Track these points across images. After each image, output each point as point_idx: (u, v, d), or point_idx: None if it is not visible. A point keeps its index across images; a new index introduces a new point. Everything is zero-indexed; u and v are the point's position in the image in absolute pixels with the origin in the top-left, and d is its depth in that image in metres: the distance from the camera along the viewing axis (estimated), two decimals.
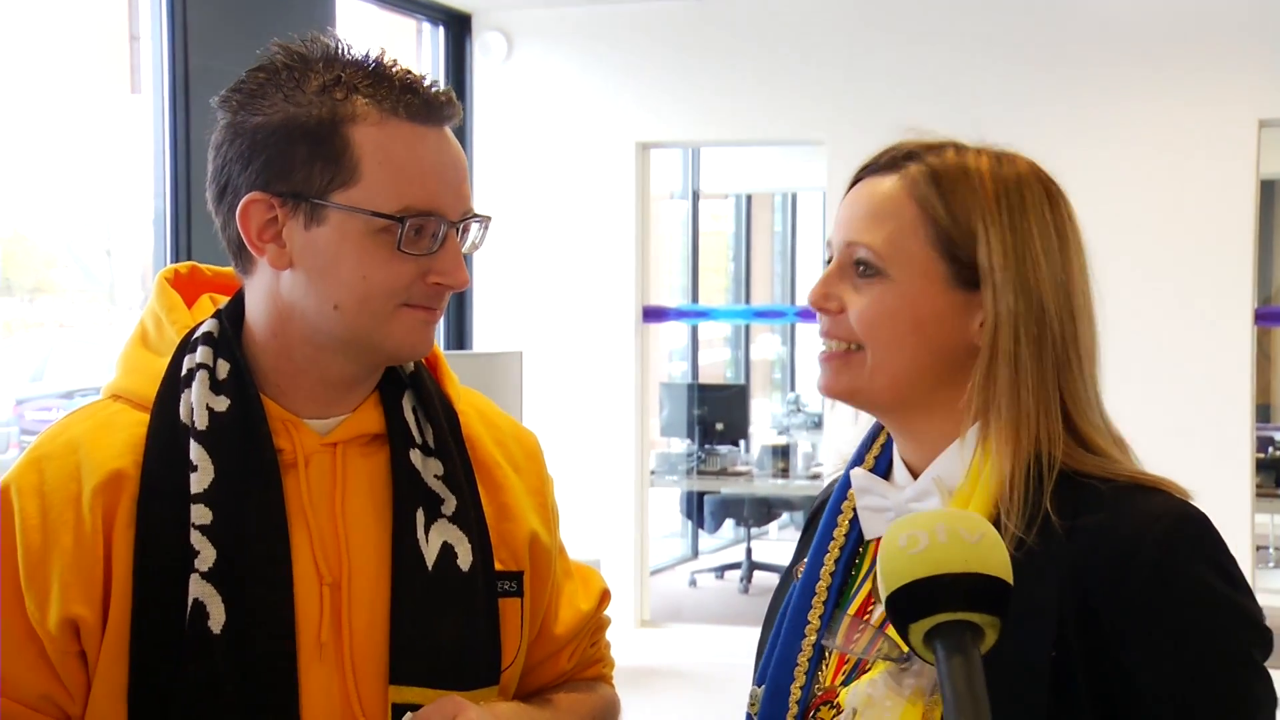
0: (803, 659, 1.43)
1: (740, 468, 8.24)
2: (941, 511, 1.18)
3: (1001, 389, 1.36)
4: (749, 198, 11.14)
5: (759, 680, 1.48)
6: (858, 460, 1.50)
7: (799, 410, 9.57)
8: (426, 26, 6.77)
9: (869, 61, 6.39)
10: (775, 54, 6.52)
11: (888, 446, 1.49)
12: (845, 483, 1.49)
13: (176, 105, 4.92)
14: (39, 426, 11.17)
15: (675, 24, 6.64)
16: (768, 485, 8.39)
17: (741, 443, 8.47)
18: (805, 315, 6.70)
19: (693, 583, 8.67)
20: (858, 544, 1.47)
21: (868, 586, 1.43)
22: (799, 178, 10.52)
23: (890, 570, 1.10)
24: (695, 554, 9.39)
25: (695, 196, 9.89)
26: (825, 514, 1.51)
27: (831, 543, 1.48)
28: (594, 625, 1.65)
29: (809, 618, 1.44)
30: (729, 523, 9.00)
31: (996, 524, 1.33)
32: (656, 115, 6.72)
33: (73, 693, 1.39)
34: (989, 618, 1.08)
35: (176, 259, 4.98)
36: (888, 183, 1.41)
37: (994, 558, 1.11)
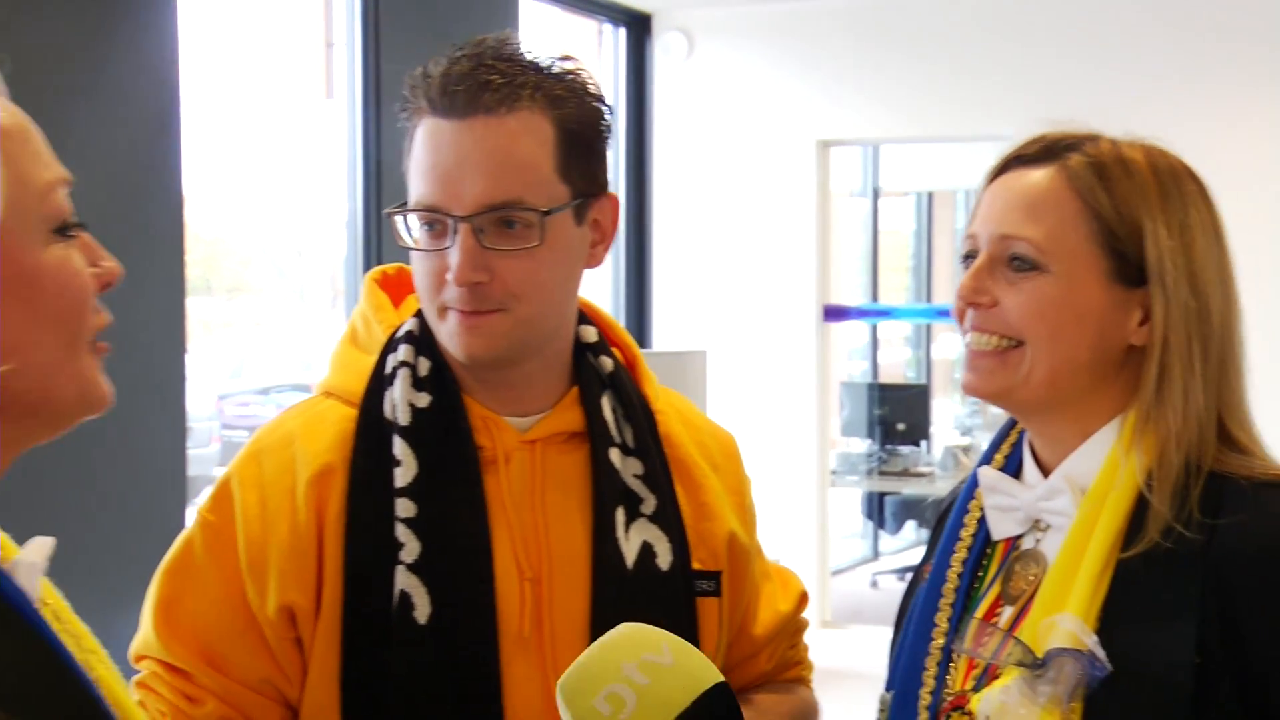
0: (930, 663, 1.40)
1: (922, 468, 8.12)
2: (609, 646, 1.11)
3: (1173, 387, 1.33)
4: (930, 195, 10.98)
5: (888, 684, 1.45)
6: (986, 459, 1.47)
7: (980, 411, 9.39)
8: (607, 27, 6.82)
9: (1058, 53, 6.24)
10: (960, 48, 6.41)
11: (1018, 446, 1.45)
12: (973, 482, 1.46)
13: (368, 109, 5.04)
14: (238, 422, 11.58)
15: (856, 20, 6.58)
16: (951, 486, 8.24)
17: (923, 443, 8.35)
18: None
19: (874, 584, 8.58)
20: (985, 545, 1.44)
21: (996, 589, 1.40)
22: (983, 174, 10.32)
23: None
24: (876, 555, 9.29)
25: (875, 194, 9.79)
26: (952, 514, 1.48)
27: (958, 544, 1.45)
28: (793, 627, 1.64)
29: (936, 620, 1.42)
30: (910, 524, 8.89)
31: (1137, 521, 1.29)
32: (837, 113, 6.67)
33: (290, 677, 1.44)
34: None
35: (367, 260, 5.11)
36: (1043, 174, 1.36)
37: (697, 666, 1.06)
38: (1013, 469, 1.44)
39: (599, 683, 1.05)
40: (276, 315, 12.56)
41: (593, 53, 6.79)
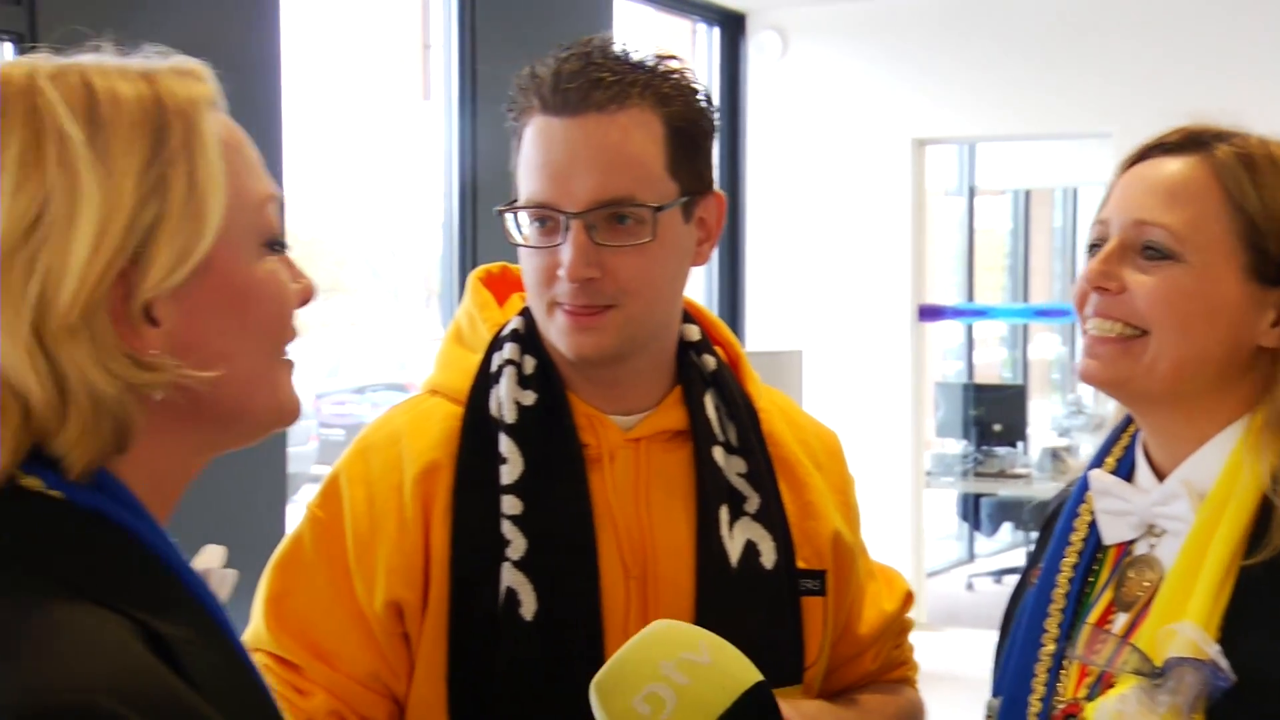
0: (1040, 669, 1.37)
1: (1019, 470, 8.02)
2: (647, 644, 1.09)
3: None
4: (1027, 193, 10.84)
5: (995, 690, 1.43)
6: (1097, 462, 1.43)
7: (1080, 412, 9.25)
8: (701, 27, 6.82)
9: (1162, 47, 6.14)
10: (1060, 43, 6.33)
11: (1130, 449, 1.42)
12: (1083, 485, 1.42)
13: (465, 110, 5.08)
14: (335, 420, 11.73)
15: (952, 15, 6.52)
16: (1048, 488, 8.12)
17: (1019, 444, 8.24)
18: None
19: (969, 586, 8.49)
20: (1096, 549, 1.40)
21: (1109, 595, 1.37)
22: (1081, 172, 10.17)
23: None
24: (971, 557, 9.19)
25: (971, 193, 9.69)
26: (1062, 517, 1.45)
27: (1068, 548, 1.41)
28: (898, 627, 1.63)
29: (1045, 626, 1.38)
30: (1006, 526, 8.78)
31: (1261, 527, 1.27)
32: (933, 110, 6.61)
33: (397, 672, 1.45)
34: None
35: (462, 259, 5.15)
36: (1185, 163, 1.34)
37: (736, 665, 1.04)
38: (1124, 472, 1.41)
39: (637, 682, 1.03)
40: (371, 315, 12.72)
41: (687, 52, 6.80)
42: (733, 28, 6.83)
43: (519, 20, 5.17)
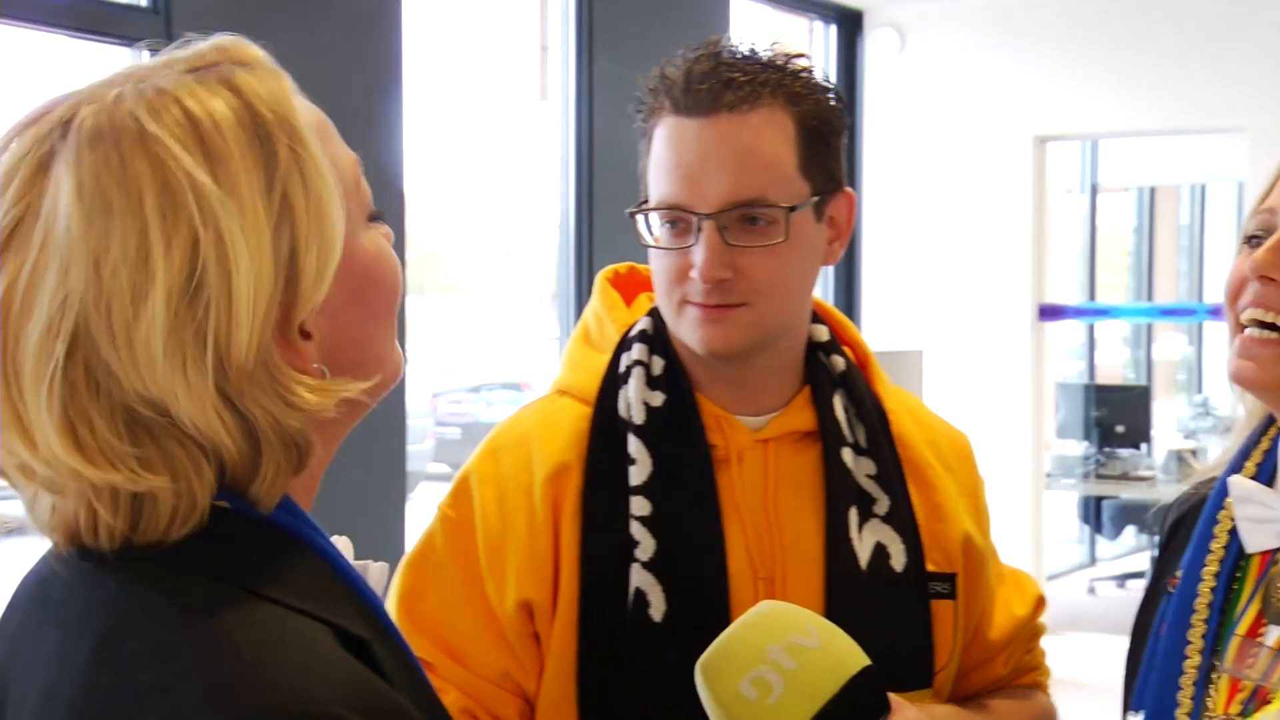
0: (1186, 682, 1.32)
1: (1143, 472, 7.85)
2: (756, 626, 1.06)
3: None
4: (1152, 190, 10.62)
5: (1135, 704, 1.38)
6: (1236, 467, 1.38)
7: (1207, 413, 9.04)
8: (818, 25, 6.79)
9: None
10: (1189, 37, 6.18)
11: (1271, 453, 1.37)
12: (1221, 491, 1.37)
13: (582, 111, 5.10)
14: (451, 419, 11.86)
15: (1075, 9, 6.41)
16: (1173, 491, 7.87)
17: (1143, 446, 8.08)
18: (1217, 314, 6.33)
19: (1091, 590, 8.34)
20: (1238, 557, 1.35)
21: (1256, 605, 1.32)
22: (1209, 168, 9.94)
23: None
24: (1093, 561, 9.03)
25: (1094, 190, 9.51)
26: (1200, 524, 1.39)
27: (1209, 555, 1.36)
28: (1029, 631, 1.61)
29: (1189, 637, 1.33)
30: (1130, 529, 8.61)
31: None
32: (1055, 106, 6.50)
33: (528, 671, 1.46)
34: (884, 717, 1.01)
35: (579, 260, 5.17)
36: None
37: (845, 649, 1.01)
38: (1265, 477, 1.37)
39: (744, 665, 1.02)
40: (488, 315, 12.83)
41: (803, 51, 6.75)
42: (850, 25, 6.78)
43: (636, 21, 5.19)
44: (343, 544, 0.95)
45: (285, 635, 0.81)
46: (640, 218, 1.45)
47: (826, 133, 1.44)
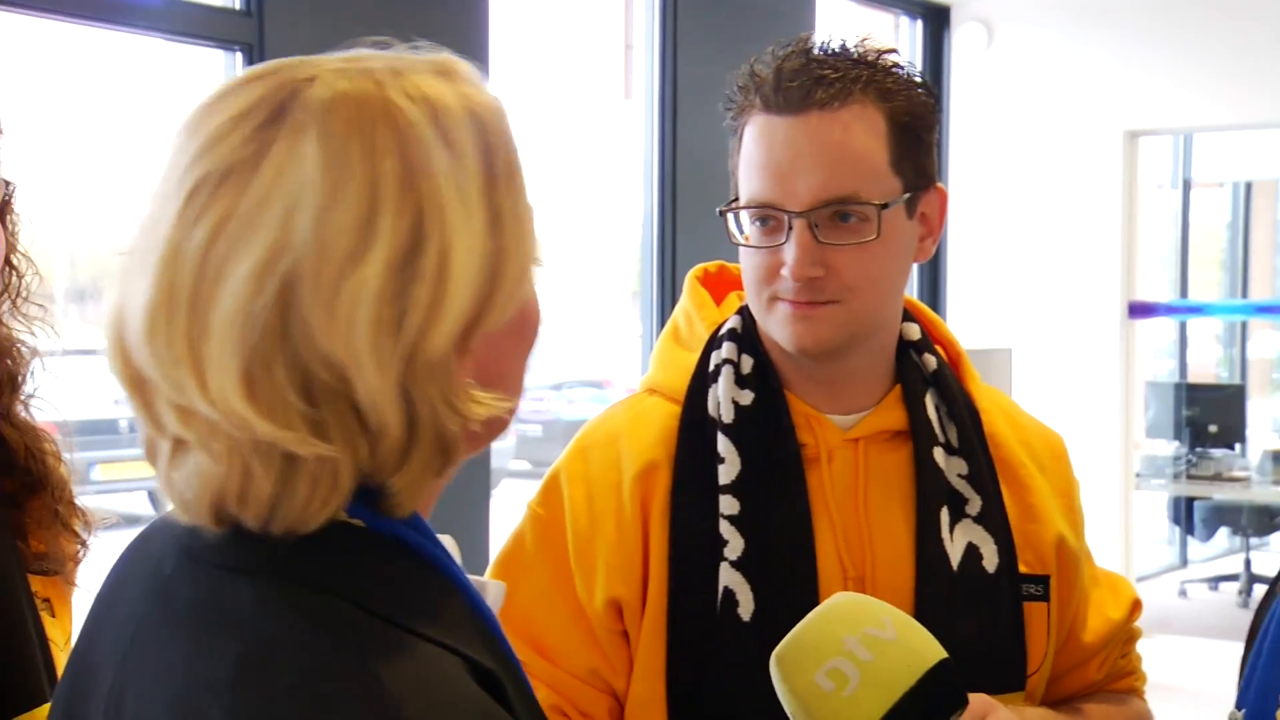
0: None
1: (1237, 473, 7.71)
2: (831, 617, 1.04)
3: None
4: (1248, 185, 10.41)
5: (1239, 702, 1.37)
6: None
7: None
8: (904, 20, 6.74)
9: None
10: None
11: None
12: None
13: (666, 110, 5.11)
14: (533, 417, 11.91)
15: (1169, 2, 6.30)
16: (1269, 492, 7.79)
17: (1237, 446, 7.93)
18: None
19: (1183, 593, 8.21)
20: None
21: None
22: None
23: None
24: (1184, 563, 8.88)
25: (1186, 186, 9.35)
26: None
27: None
28: (1124, 635, 1.59)
29: None
30: (1223, 531, 8.46)
31: None
32: (1147, 100, 6.40)
33: (617, 668, 1.46)
34: (960, 710, 0.99)
35: (662, 258, 5.18)
36: None
37: (922, 642, 0.99)
38: None
39: (820, 657, 1.01)
40: (569, 313, 12.88)
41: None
42: (936, 20, 6.72)
43: (721, 19, 5.18)
44: (449, 543, 0.93)
45: (430, 676, 0.79)
46: (730, 216, 1.45)
47: (918, 128, 1.43)
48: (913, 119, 1.42)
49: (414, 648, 0.79)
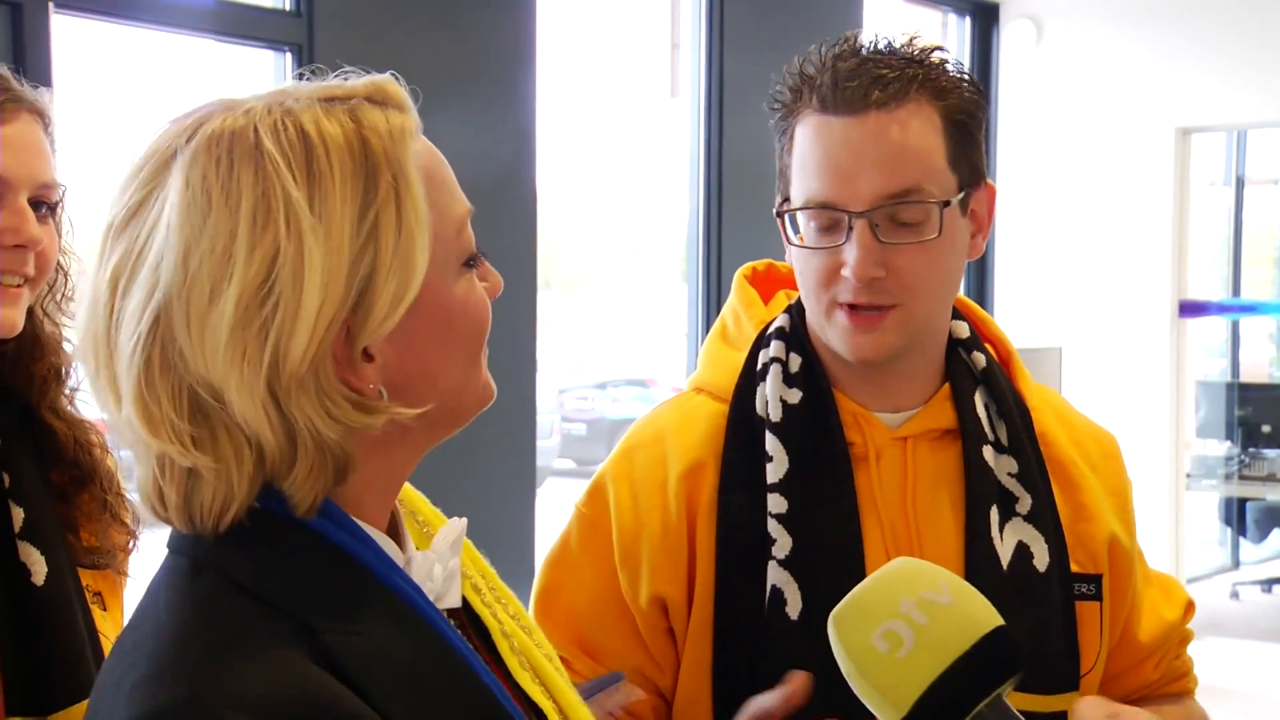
0: None
1: None
2: (888, 580, 1.04)
3: None
4: None
5: None
6: None
7: None
8: (953, 18, 6.71)
9: None
10: None
11: None
12: None
13: (712, 109, 5.10)
14: (577, 415, 11.94)
15: None
16: None
17: None
18: None
19: (1235, 595, 8.12)
20: None
21: None
22: None
23: (890, 685, 0.98)
24: (1236, 564, 8.78)
25: (1240, 183, 9.25)
26: None
27: None
28: (1178, 636, 1.57)
29: None
30: (1276, 532, 8.36)
31: None
32: (1199, 97, 6.34)
33: (663, 666, 1.46)
34: (1015, 677, 0.98)
35: (707, 257, 5.17)
36: None
37: (978, 608, 0.99)
38: None
39: (876, 618, 1.02)
40: (615, 311, 12.88)
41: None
42: (985, 17, 6.68)
43: (767, 19, 5.17)
44: (458, 524, 1.04)
45: (227, 632, 0.88)
46: (786, 217, 1.45)
47: (971, 125, 1.42)
48: (966, 116, 1.42)
49: (244, 611, 0.89)
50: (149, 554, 1.25)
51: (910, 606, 1.01)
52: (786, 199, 1.44)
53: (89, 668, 1.37)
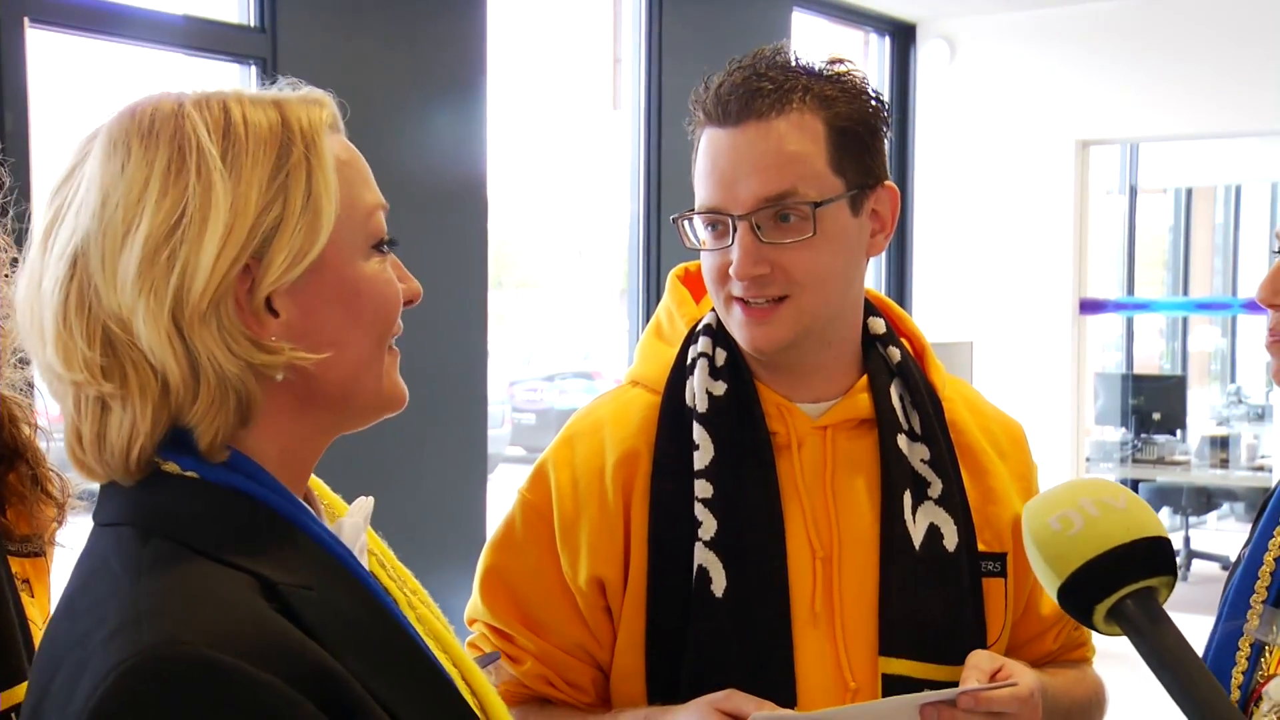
0: (1244, 644, 1.33)
1: (1178, 457, 7.73)
2: (1074, 484, 1.10)
3: None
4: (1189, 191, 10.43)
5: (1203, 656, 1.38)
6: None
7: (1240, 401, 8.88)
8: (873, 37, 6.73)
9: None
10: (1225, 44, 6.06)
11: None
12: None
13: (651, 120, 5.09)
14: (527, 406, 11.89)
15: (1117, 21, 6.30)
16: (1207, 475, 7.82)
17: (1179, 432, 7.95)
18: (1251, 307, 6.20)
19: None
20: None
21: None
22: (1245, 170, 9.74)
23: (1055, 555, 1.03)
24: None
25: (1133, 192, 9.36)
26: (1272, 502, 1.40)
27: (1278, 527, 1.37)
28: None
29: (1251, 603, 1.34)
30: (1165, 510, 8.49)
31: None
32: (1097, 113, 6.40)
33: (601, 642, 1.45)
34: (1166, 578, 1.02)
35: (648, 259, 5.16)
36: None
37: (1148, 519, 1.04)
38: None
39: (1057, 506, 1.07)
40: (562, 309, 12.86)
41: (859, 61, 6.68)
42: (903, 37, 6.71)
43: (703, 35, 5.16)
44: (365, 503, 1.05)
45: (191, 584, 0.88)
46: (685, 223, 1.44)
47: (861, 132, 1.41)
48: (854, 123, 1.41)
49: (190, 564, 0.89)
50: (75, 531, 1.21)
51: (1088, 503, 1.06)
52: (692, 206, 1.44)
53: (20, 652, 1.32)
